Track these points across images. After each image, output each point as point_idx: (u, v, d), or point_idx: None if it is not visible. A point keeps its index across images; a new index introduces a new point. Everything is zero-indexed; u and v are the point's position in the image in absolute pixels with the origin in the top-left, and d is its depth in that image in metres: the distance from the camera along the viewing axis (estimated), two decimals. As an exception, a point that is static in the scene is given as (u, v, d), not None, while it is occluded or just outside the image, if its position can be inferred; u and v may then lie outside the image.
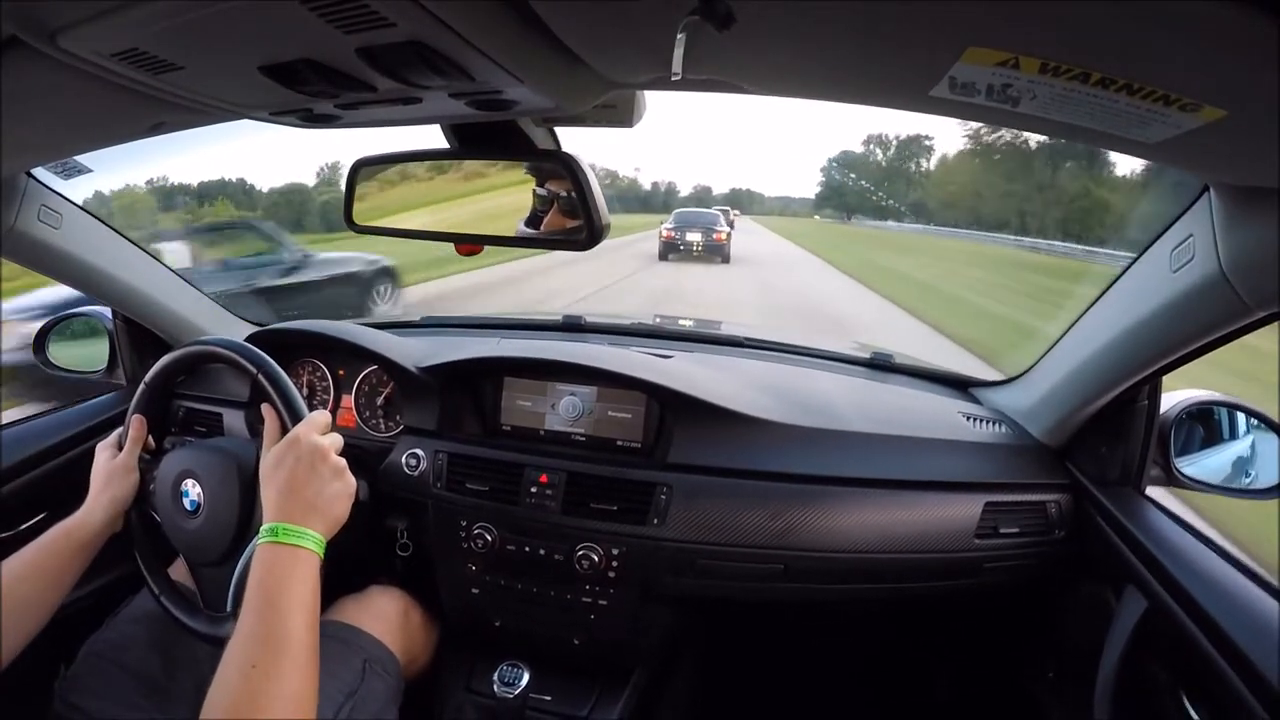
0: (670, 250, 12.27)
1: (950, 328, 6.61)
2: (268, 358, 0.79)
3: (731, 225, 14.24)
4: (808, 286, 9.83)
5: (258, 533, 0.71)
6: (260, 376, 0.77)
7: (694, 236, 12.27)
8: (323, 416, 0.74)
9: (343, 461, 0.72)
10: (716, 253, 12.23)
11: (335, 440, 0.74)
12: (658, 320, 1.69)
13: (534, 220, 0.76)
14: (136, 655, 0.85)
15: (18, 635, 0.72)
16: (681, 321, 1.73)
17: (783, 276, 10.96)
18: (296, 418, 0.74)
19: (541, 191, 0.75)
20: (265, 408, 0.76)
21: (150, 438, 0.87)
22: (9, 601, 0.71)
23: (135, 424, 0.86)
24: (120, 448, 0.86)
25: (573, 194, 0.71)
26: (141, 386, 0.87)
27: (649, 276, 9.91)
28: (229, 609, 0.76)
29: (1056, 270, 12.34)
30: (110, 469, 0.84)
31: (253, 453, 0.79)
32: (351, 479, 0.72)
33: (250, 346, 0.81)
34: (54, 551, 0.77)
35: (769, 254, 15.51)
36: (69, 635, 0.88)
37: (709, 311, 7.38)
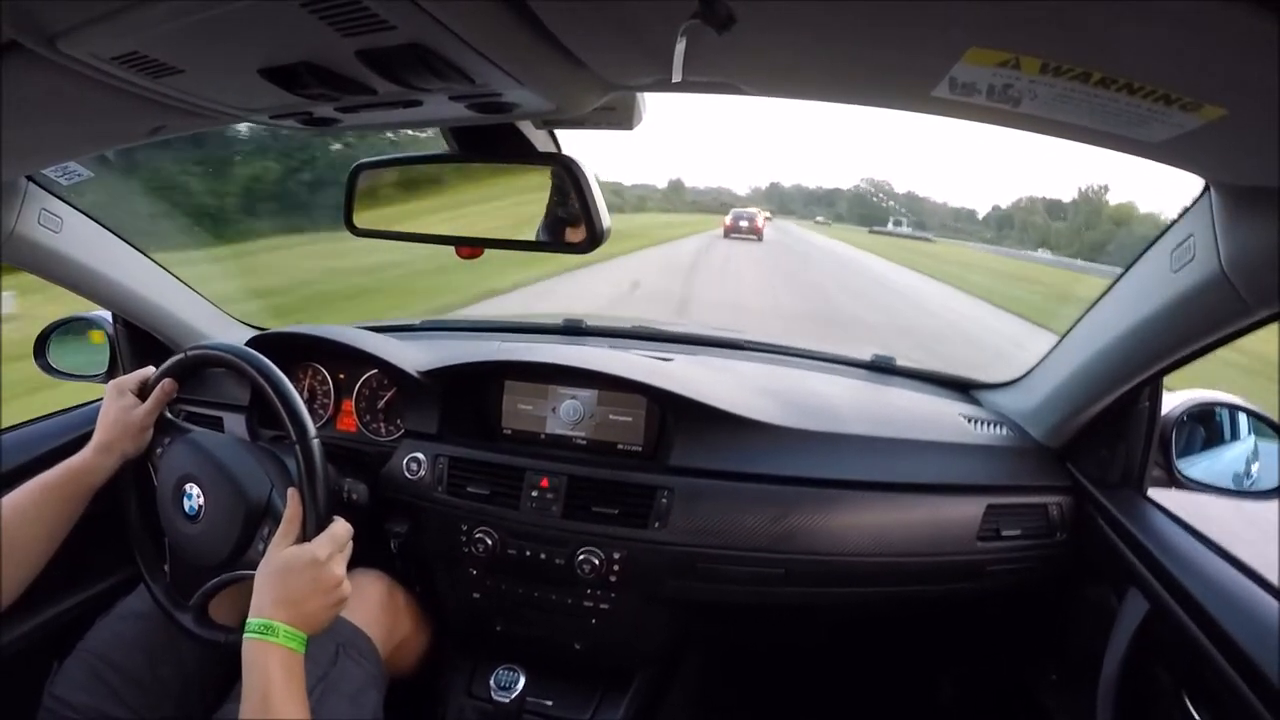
0: (729, 232, 20.49)
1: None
2: (311, 428, 0.76)
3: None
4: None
5: (249, 565, 0.74)
6: (300, 455, 0.75)
7: (743, 224, 20.79)
8: (346, 533, 0.74)
9: (348, 587, 0.72)
10: (754, 233, 20.46)
11: (347, 551, 0.74)
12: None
13: (557, 230, 0.76)
14: (124, 652, 0.85)
15: (21, 570, 0.73)
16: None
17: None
18: (320, 521, 0.74)
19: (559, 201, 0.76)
20: (292, 493, 0.75)
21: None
22: (12, 539, 0.71)
23: (166, 385, 0.85)
24: (138, 395, 0.85)
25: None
26: (181, 355, 0.85)
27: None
28: (190, 602, 0.81)
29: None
30: (127, 421, 0.83)
31: (263, 490, 0.79)
32: (348, 602, 0.73)
33: (302, 416, 0.76)
34: (60, 493, 0.77)
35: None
36: (68, 636, 0.88)
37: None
